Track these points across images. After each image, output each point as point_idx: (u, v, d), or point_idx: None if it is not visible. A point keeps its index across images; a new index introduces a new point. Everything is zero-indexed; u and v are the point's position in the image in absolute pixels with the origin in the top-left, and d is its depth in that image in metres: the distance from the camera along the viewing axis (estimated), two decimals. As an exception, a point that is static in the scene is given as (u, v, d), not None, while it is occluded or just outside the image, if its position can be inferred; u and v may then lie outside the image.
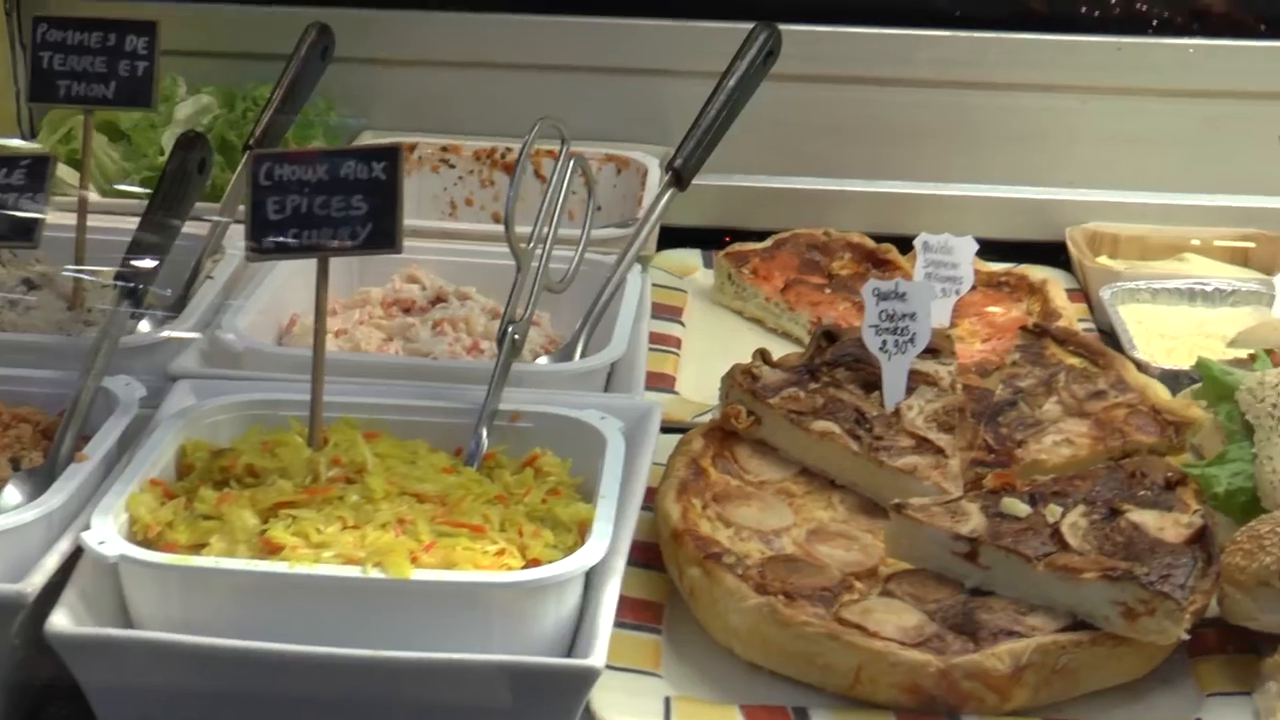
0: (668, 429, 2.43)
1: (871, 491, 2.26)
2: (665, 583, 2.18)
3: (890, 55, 3.20)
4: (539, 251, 2.31)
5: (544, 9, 3.27)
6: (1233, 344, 2.58)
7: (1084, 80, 3.20)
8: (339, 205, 2.07)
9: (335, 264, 2.63)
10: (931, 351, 2.42)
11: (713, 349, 2.82)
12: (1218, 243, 3.16)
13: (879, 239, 3.14)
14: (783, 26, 3.08)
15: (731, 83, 2.71)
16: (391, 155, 2.09)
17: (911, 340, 2.37)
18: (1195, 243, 3.15)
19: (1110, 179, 3.25)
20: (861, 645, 1.96)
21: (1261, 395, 2.30)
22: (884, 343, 2.37)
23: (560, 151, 2.34)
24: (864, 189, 3.28)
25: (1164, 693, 2.05)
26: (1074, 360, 2.47)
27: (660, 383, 2.72)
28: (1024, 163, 3.26)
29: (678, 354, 2.84)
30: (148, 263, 2.31)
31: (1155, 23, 3.19)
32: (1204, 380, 2.42)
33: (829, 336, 2.47)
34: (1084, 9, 3.22)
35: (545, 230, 2.31)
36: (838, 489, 2.30)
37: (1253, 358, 2.48)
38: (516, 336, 2.25)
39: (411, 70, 3.30)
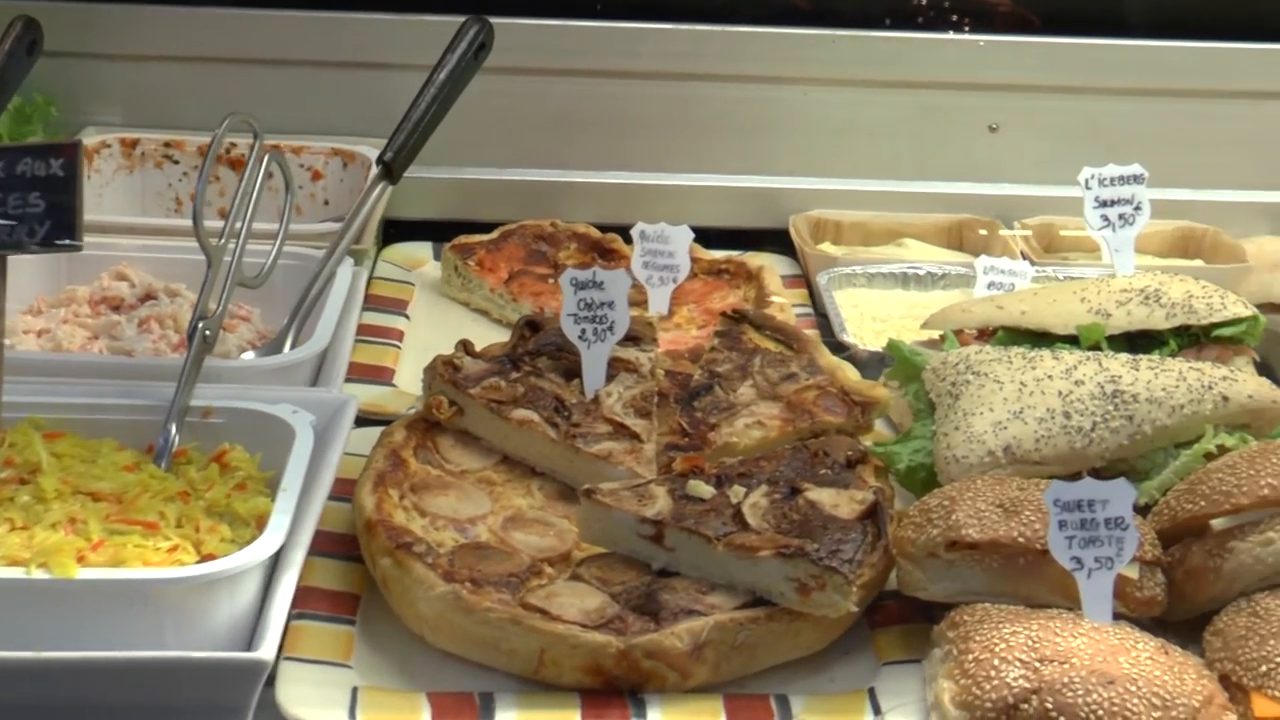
0: (382, 421, 2.46)
1: (569, 478, 2.30)
2: (363, 574, 2.19)
3: (614, 48, 3.24)
4: (232, 246, 2.30)
5: (269, 3, 3.25)
6: (924, 326, 2.66)
7: (804, 72, 3.27)
8: (15, 203, 2.05)
9: (42, 262, 2.64)
10: (633, 339, 2.47)
11: (436, 341, 2.80)
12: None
13: (610, 229, 3.18)
14: (508, 20, 3.14)
15: (442, 76, 2.74)
16: (70, 152, 2.08)
17: (610, 328, 2.41)
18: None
19: (833, 167, 3.32)
20: (543, 629, 1.99)
21: (944, 375, 2.39)
22: (583, 331, 2.41)
23: (253, 147, 2.34)
24: (594, 180, 3.32)
25: (844, 664, 2.12)
26: (770, 344, 2.53)
27: (379, 375, 2.73)
28: (750, 152, 3.32)
29: (399, 347, 2.85)
30: None
31: (870, 17, 3.27)
32: (895, 361, 2.50)
33: (532, 326, 2.50)
34: (801, 3, 3.29)
35: (238, 225, 2.31)
36: (538, 476, 2.33)
37: (942, 338, 2.57)
38: (208, 333, 2.24)
39: (135, 65, 3.25)
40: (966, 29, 3.31)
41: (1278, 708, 1.94)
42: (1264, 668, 1.97)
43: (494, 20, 2.98)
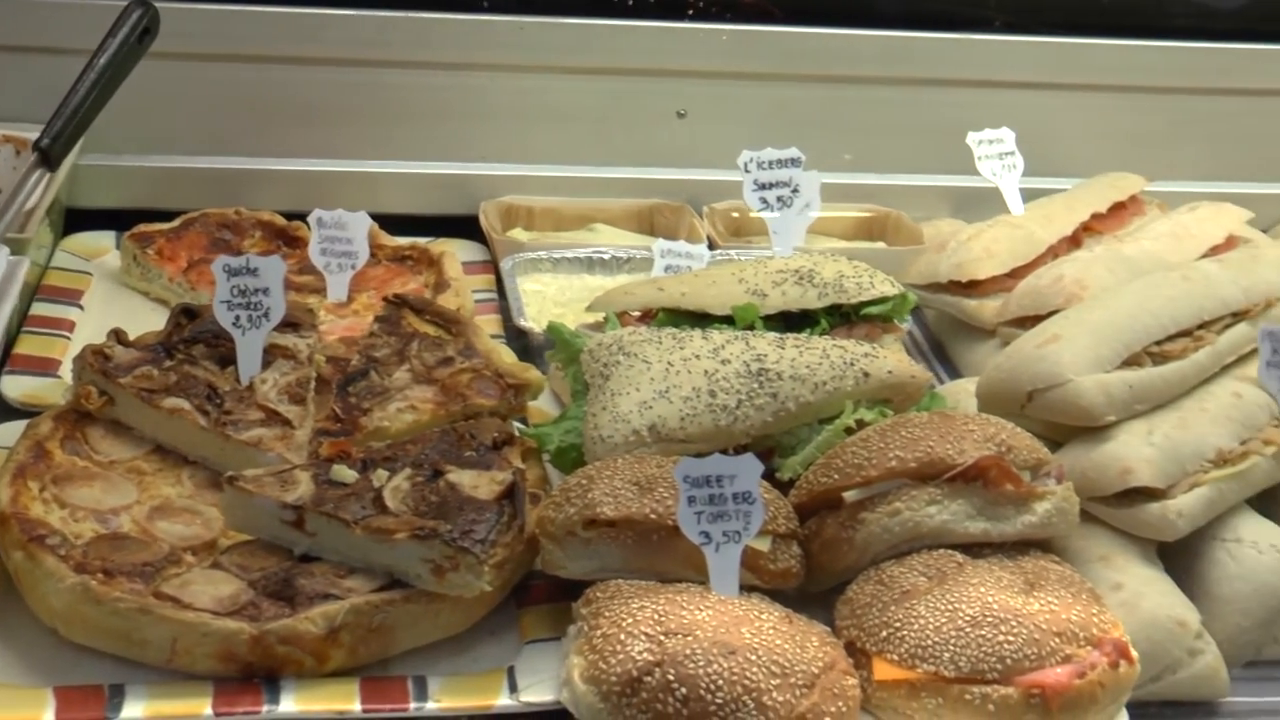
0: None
1: (221, 466, 2.28)
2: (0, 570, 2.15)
3: (299, 34, 3.19)
4: None
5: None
6: (589, 309, 2.69)
7: (492, 59, 3.26)
8: None
9: None
10: (292, 325, 2.46)
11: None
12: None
13: (300, 217, 3.14)
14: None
15: (102, 61, 2.68)
16: None
17: (265, 315, 2.40)
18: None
19: (525, 153, 3.33)
20: (174, 617, 1.98)
21: (598, 356, 2.42)
22: (237, 318, 2.39)
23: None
24: (283, 167, 3.27)
25: (489, 644, 2.14)
26: (430, 329, 2.54)
27: (45, 367, 2.67)
28: (441, 139, 3.29)
29: (69, 338, 2.78)
30: None
31: (556, 3, 3.28)
32: (556, 344, 2.52)
33: (189, 314, 2.47)
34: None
35: None
36: (191, 465, 2.32)
37: (606, 321, 2.60)
38: None
39: None
40: (652, 16, 3.34)
41: (896, 671, 2.02)
42: (884, 633, 2.05)
43: (176, 5, 2.93)
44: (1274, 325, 2.44)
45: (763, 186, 2.83)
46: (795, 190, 2.83)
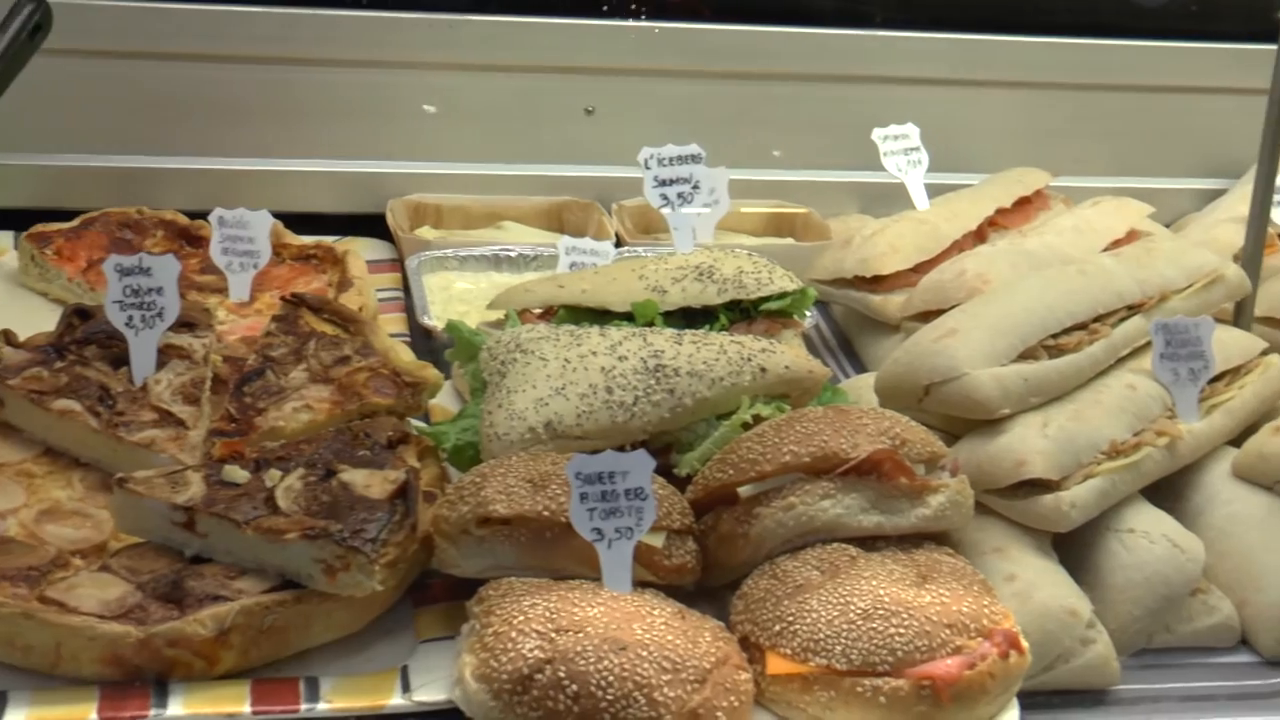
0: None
1: (114, 467, 2.25)
2: (-113, 575, 2.12)
3: (202, 30, 3.15)
4: None
5: None
6: (490, 306, 2.69)
7: (398, 55, 3.24)
8: None
9: None
10: (188, 325, 2.44)
11: (9, 332, 2.74)
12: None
13: (203, 216, 3.12)
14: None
15: (-7, 58, 2.64)
16: None
17: (159, 315, 2.38)
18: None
19: (432, 151, 3.31)
20: (57, 622, 1.96)
21: (496, 354, 2.41)
22: (130, 318, 2.37)
23: None
24: (189, 166, 3.24)
25: (384, 643, 2.13)
26: (327, 328, 2.52)
27: (-64, 369, 2.64)
28: (347, 137, 3.27)
29: (-41, 339, 2.75)
30: None
31: (459, 0, 3.27)
32: (456, 342, 2.51)
33: (81, 314, 2.45)
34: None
35: None
36: (82, 467, 2.30)
37: (507, 317, 2.59)
38: None
39: None
40: (562, 13, 3.33)
41: (789, 664, 2.02)
42: (777, 627, 2.05)
43: (73, 0, 2.90)
44: (1167, 318, 2.47)
45: (663, 183, 2.83)
46: (695, 187, 2.83)
